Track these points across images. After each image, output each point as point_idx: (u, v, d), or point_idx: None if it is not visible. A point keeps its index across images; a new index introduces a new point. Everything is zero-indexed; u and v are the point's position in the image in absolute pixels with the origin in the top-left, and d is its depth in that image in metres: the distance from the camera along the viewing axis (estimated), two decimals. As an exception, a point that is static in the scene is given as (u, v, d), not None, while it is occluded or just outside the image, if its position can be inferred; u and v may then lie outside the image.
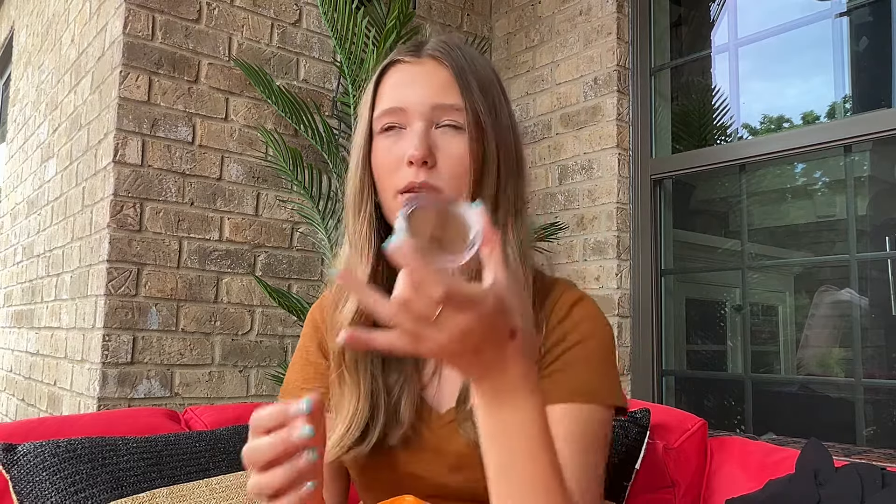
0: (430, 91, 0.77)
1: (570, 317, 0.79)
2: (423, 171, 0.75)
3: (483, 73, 0.80)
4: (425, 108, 0.77)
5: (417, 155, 0.74)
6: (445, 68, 0.78)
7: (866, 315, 1.98)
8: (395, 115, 0.78)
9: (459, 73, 0.77)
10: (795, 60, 2.20)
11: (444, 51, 0.79)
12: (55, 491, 0.91)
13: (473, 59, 0.80)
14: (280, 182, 2.12)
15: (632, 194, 2.21)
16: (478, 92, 0.77)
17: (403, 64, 0.80)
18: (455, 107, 0.76)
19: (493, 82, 0.81)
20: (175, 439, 1.07)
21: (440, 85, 0.77)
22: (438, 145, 0.76)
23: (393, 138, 0.78)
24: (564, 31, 2.40)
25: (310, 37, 2.24)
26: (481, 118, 0.76)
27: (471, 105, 0.76)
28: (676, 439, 1.28)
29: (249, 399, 2.04)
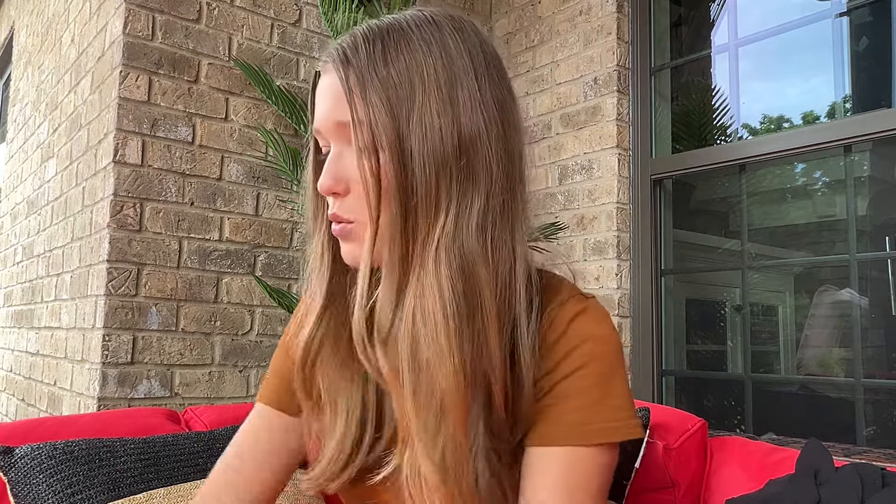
0: (330, 107, 0.67)
1: (566, 336, 0.68)
2: (336, 202, 0.67)
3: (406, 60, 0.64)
4: (331, 129, 0.67)
5: (322, 185, 0.66)
6: (336, 75, 0.66)
7: (866, 315, 1.98)
8: (320, 137, 0.70)
9: (353, 75, 0.64)
10: (795, 60, 2.20)
11: (339, 51, 0.66)
12: (52, 493, 0.91)
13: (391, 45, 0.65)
14: (280, 182, 2.12)
15: (632, 194, 2.21)
16: (377, 95, 0.63)
17: (322, 73, 0.70)
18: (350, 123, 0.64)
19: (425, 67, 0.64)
20: (173, 440, 1.07)
21: (336, 97, 0.66)
22: (349, 170, 0.66)
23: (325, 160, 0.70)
24: (564, 31, 2.40)
25: (310, 37, 2.24)
26: (375, 133, 0.62)
27: (359, 118, 0.63)
28: (676, 439, 1.28)
29: (249, 399, 2.04)
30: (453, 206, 0.64)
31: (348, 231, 0.67)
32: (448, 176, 0.64)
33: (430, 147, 0.63)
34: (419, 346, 0.63)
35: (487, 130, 0.66)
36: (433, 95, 0.64)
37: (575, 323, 0.69)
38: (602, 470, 0.67)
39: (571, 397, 0.67)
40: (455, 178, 0.64)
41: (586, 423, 0.66)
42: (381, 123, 0.63)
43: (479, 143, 0.65)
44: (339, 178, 0.66)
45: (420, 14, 0.69)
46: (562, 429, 0.66)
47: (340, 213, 0.67)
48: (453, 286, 0.63)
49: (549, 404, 0.67)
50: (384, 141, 0.63)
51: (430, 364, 0.62)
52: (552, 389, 0.67)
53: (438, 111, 0.64)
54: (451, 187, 0.64)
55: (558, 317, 0.69)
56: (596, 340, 0.68)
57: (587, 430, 0.66)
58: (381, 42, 0.65)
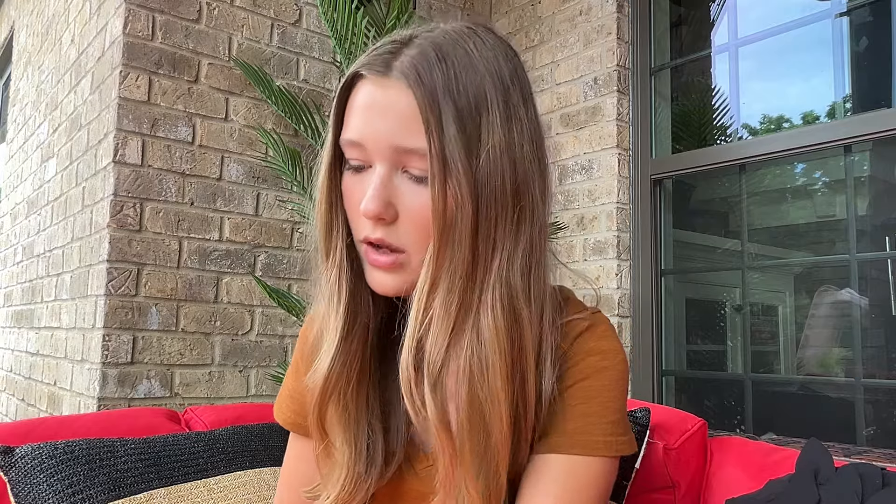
0: (390, 128, 0.62)
1: (570, 352, 0.69)
2: (380, 227, 0.63)
3: (475, 87, 0.62)
4: (385, 149, 0.62)
5: (370, 210, 0.61)
6: (412, 97, 0.61)
7: (866, 315, 1.98)
8: (356, 150, 0.64)
9: (427, 104, 0.60)
10: (795, 60, 2.20)
11: (414, 71, 0.61)
12: (52, 493, 0.91)
13: (461, 71, 0.62)
14: (280, 182, 2.12)
15: (632, 194, 2.21)
16: (453, 126, 0.60)
17: (368, 82, 0.64)
18: (419, 151, 0.61)
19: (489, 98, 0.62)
20: (173, 440, 1.07)
21: (403, 120, 0.61)
22: (400, 196, 0.62)
23: (360, 175, 0.65)
24: (564, 31, 2.40)
25: (310, 37, 2.24)
26: (450, 166, 0.59)
27: (437, 149, 0.59)
28: (676, 439, 1.28)
29: (249, 399, 2.04)
30: (508, 247, 0.64)
31: (397, 263, 0.64)
32: (506, 215, 0.63)
33: (494, 185, 0.62)
34: (475, 388, 0.62)
35: (533, 170, 0.65)
36: (497, 132, 0.62)
37: (579, 340, 0.69)
38: (598, 482, 0.67)
39: (573, 407, 0.67)
40: (510, 218, 0.64)
41: (586, 434, 0.67)
42: (459, 158, 0.60)
43: (532, 182, 0.65)
44: (389, 203, 0.62)
45: (479, 34, 0.66)
46: (563, 437, 0.67)
47: (391, 240, 0.63)
48: (507, 328, 0.63)
49: (553, 414, 0.67)
50: (460, 176, 0.60)
51: (484, 407, 0.62)
52: (555, 402, 0.67)
53: (500, 148, 0.62)
54: (507, 227, 0.63)
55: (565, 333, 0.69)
56: (599, 355, 0.69)
57: (587, 440, 0.67)
58: (454, 67, 0.62)
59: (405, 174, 0.63)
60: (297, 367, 0.83)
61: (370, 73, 0.64)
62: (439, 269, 0.61)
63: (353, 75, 0.66)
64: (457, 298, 0.62)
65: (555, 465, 0.66)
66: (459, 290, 0.62)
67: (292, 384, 0.83)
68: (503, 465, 0.63)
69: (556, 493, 0.66)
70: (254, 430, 1.19)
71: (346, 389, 0.69)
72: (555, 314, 0.70)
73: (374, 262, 0.65)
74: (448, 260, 0.61)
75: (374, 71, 0.64)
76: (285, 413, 0.83)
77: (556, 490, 0.66)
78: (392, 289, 0.65)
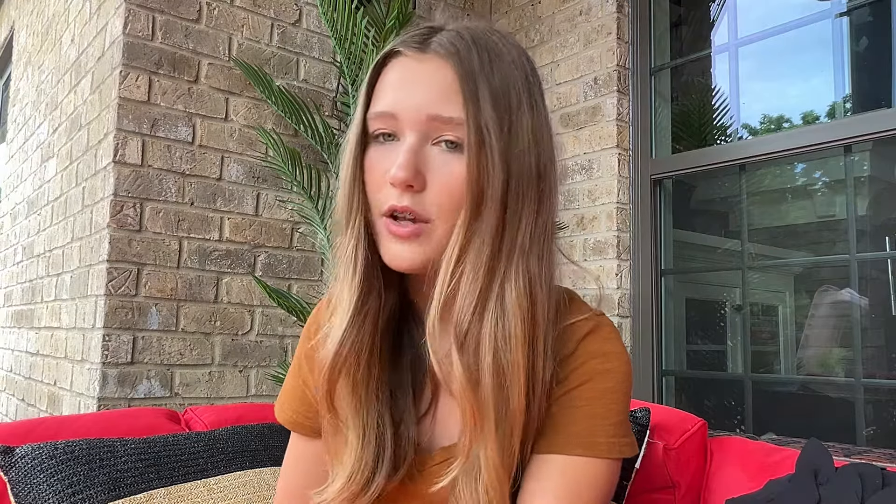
0: (427, 98, 0.64)
1: (575, 354, 0.69)
2: (407, 196, 0.64)
3: (503, 74, 0.66)
4: (420, 119, 0.64)
5: (401, 177, 0.63)
6: (449, 69, 0.64)
7: (866, 315, 1.98)
8: (386, 121, 0.66)
9: (466, 76, 0.64)
10: (795, 60, 2.20)
11: (452, 46, 0.65)
12: (52, 493, 0.91)
13: (493, 57, 0.66)
14: (280, 182, 2.12)
15: (632, 194, 2.21)
16: (488, 102, 0.63)
17: (405, 58, 0.67)
18: (455, 121, 0.63)
19: (516, 84, 0.67)
20: (173, 440, 1.07)
21: (441, 91, 0.64)
22: (430, 165, 0.64)
23: (386, 148, 0.67)
24: (564, 31, 2.40)
25: (310, 37, 2.24)
26: (485, 136, 0.63)
27: (474, 119, 0.63)
28: (676, 439, 1.28)
29: (249, 399, 2.04)
30: (530, 225, 0.66)
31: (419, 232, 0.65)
32: (530, 193, 0.67)
33: (522, 161, 0.65)
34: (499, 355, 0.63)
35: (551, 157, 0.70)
36: (525, 115, 0.66)
37: (585, 342, 0.70)
38: (599, 483, 0.68)
39: (577, 409, 0.68)
40: (534, 197, 0.67)
41: (589, 435, 0.68)
42: (493, 126, 0.63)
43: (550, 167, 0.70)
44: (418, 171, 0.64)
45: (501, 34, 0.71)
46: (565, 438, 0.67)
47: (417, 209, 0.64)
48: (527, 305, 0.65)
49: (555, 413, 0.68)
50: (494, 146, 0.63)
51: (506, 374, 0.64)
52: (559, 400, 0.68)
53: (527, 129, 0.66)
54: (530, 205, 0.66)
55: (569, 334, 0.70)
56: (603, 357, 0.70)
57: (590, 441, 0.67)
58: (487, 52, 0.66)
59: (436, 146, 0.65)
60: (300, 365, 0.82)
61: (407, 50, 0.67)
62: (471, 233, 0.63)
63: (387, 53, 0.69)
64: (484, 265, 0.64)
65: (557, 465, 0.67)
66: (487, 258, 0.64)
67: (293, 382, 0.83)
68: (517, 437, 0.65)
69: (557, 492, 0.66)
70: (254, 430, 1.19)
71: (357, 368, 0.69)
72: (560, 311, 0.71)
73: (395, 232, 0.65)
74: (479, 226, 0.63)
75: (411, 47, 0.67)
76: (286, 412, 0.82)
77: (558, 490, 0.66)
78: (408, 261, 0.66)
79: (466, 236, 0.63)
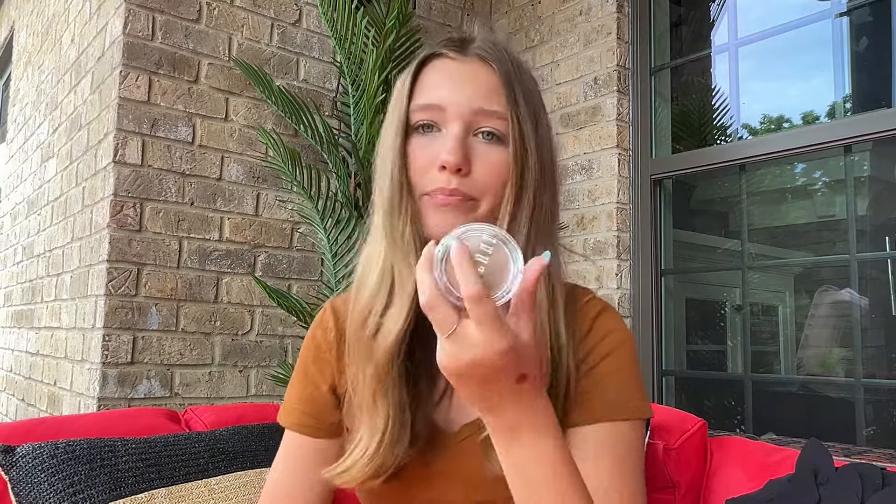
0: (473, 94, 0.73)
1: (593, 331, 0.77)
2: (455, 178, 0.71)
3: (527, 80, 0.77)
4: (466, 111, 0.72)
5: (452, 161, 0.70)
6: (492, 72, 0.74)
7: (866, 315, 1.98)
8: (432, 113, 0.73)
9: (506, 78, 0.73)
10: (795, 60, 2.20)
11: (492, 52, 0.75)
12: (53, 492, 0.91)
13: (519, 65, 0.77)
14: (280, 182, 2.12)
15: (632, 194, 2.21)
16: (522, 101, 0.73)
17: (447, 59, 0.75)
18: (498, 114, 0.72)
19: (536, 91, 0.78)
20: (174, 440, 1.07)
21: (485, 88, 0.73)
22: (474, 152, 0.72)
23: (427, 138, 0.74)
24: (564, 31, 2.40)
25: (310, 37, 2.24)
26: (524, 129, 0.72)
27: (516, 114, 0.72)
28: (676, 439, 1.28)
29: (249, 399, 2.04)
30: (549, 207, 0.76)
31: (466, 204, 0.72)
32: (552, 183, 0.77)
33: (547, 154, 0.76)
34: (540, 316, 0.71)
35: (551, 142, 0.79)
36: (545, 116, 0.78)
37: (599, 320, 0.79)
38: (639, 445, 0.75)
39: (607, 379, 0.75)
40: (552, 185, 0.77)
41: (624, 402, 0.75)
42: (529, 122, 0.74)
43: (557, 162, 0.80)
44: (466, 156, 0.71)
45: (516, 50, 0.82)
46: (605, 406, 0.74)
47: (465, 189, 0.71)
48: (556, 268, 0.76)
49: (588, 388, 0.74)
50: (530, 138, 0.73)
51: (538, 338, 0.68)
52: (588, 375, 0.75)
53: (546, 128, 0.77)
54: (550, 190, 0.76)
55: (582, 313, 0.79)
56: (618, 332, 0.79)
57: (626, 406, 0.75)
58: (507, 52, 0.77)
59: (476, 136, 0.73)
60: (307, 371, 0.83)
61: (449, 51, 0.76)
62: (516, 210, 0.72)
63: (428, 55, 0.77)
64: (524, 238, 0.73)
65: (602, 433, 0.72)
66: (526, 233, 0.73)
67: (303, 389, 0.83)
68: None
69: (607, 460, 0.71)
70: (254, 430, 1.19)
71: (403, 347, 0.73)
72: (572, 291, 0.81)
73: (444, 203, 0.71)
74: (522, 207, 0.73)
75: (452, 49, 0.76)
76: (295, 416, 0.83)
77: (607, 457, 0.71)
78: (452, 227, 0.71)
79: (512, 213, 0.72)
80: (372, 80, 1.94)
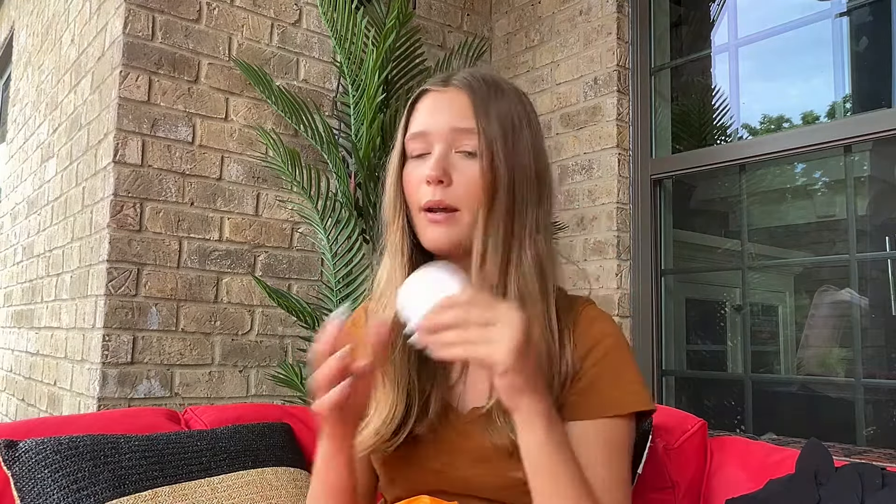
0: (449, 116, 0.85)
1: (590, 333, 0.87)
2: (439, 190, 0.83)
3: (505, 101, 0.87)
4: (444, 132, 0.85)
5: (433, 174, 0.82)
6: (465, 95, 0.86)
7: (866, 315, 1.98)
8: (420, 139, 0.86)
9: (478, 100, 0.85)
10: (795, 60, 2.20)
11: (466, 80, 0.87)
12: (57, 488, 0.91)
13: (498, 90, 0.88)
14: (280, 182, 2.12)
15: (632, 194, 2.21)
16: (494, 119, 0.84)
17: (432, 93, 0.89)
18: (471, 131, 0.83)
19: (516, 111, 0.87)
20: (176, 438, 1.07)
21: (459, 110, 0.85)
22: (455, 167, 0.84)
23: (419, 161, 0.87)
24: (564, 31, 2.40)
25: (310, 37, 2.24)
26: (494, 143, 0.83)
27: (484, 130, 0.83)
28: (676, 439, 1.28)
29: (249, 399, 2.04)
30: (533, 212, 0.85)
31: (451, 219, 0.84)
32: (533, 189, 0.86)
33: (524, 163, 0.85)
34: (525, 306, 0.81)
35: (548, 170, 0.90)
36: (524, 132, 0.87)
37: (597, 323, 0.89)
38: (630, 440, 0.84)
39: (603, 379, 0.84)
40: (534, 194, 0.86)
41: (619, 398, 0.83)
42: (499, 137, 0.84)
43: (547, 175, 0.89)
44: (446, 170, 0.83)
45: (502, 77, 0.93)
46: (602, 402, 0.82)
47: (448, 199, 0.83)
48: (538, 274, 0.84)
49: (585, 388, 0.83)
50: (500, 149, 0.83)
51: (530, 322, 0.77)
52: (586, 375, 0.84)
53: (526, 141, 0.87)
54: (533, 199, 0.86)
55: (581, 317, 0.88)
56: (614, 336, 0.88)
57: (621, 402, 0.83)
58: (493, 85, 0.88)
59: (458, 153, 0.85)
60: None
61: (434, 87, 0.89)
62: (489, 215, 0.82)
63: (420, 92, 0.91)
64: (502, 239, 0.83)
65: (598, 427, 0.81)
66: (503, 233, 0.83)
67: None
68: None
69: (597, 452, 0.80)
70: (255, 429, 1.19)
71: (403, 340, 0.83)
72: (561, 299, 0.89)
73: (433, 220, 0.84)
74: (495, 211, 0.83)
75: (436, 85, 0.90)
76: None
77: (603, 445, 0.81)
78: (445, 242, 0.84)
79: (486, 217, 0.82)
80: (372, 80, 1.94)
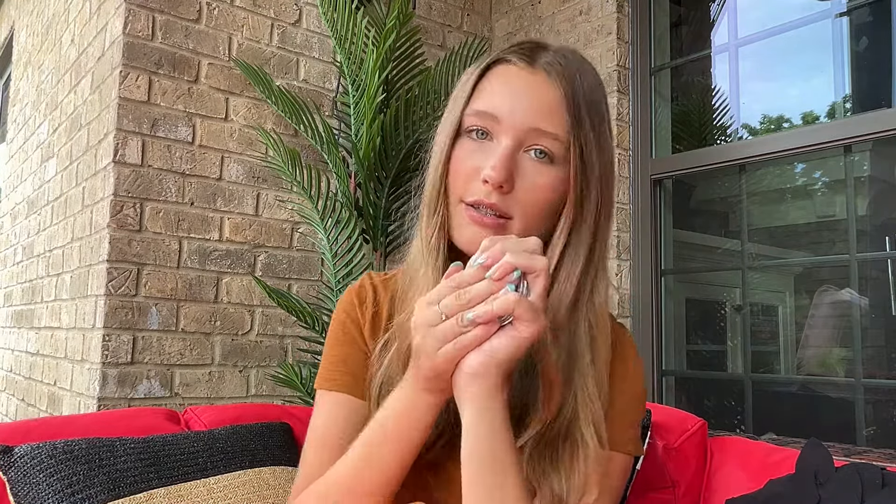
0: (532, 110, 0.70)
1: (628, 371, 0.81)
2: (496, 193, 0.69)
3: (595, 97, 0.73)
4: (521, 128, 0.70)
5: (495, 178, 0.68)
6: (557, 89, 0.70)
7: (866, 315, 1.98)
8: (486, 120, 0.71)
9: (571, 99, 0.70)
10: (795, 60, 2.20)
11: (560, 69, 0.71)
12: (52, 493, 0.91)
13: (588, 82, 0.73)
14: (280, 182, 2.12)
15: (632, 194, 2.21)
16: (588, 123, 0.70)
17: (513, 67, 0.73)
18: (555, 136, 0.69)
19: (603, 108, 0.74)
20: (173, 439, 1.07)
21: (546, 107, 0.70)
22: (520, 170, 0.70)
23: (477, 144, 0.72)
24: (564, 31, 2.40)
25: (310, 37, 2.24)
26: (585, 154, 0.70)
27: (577, 139, 0.69)
28: (676, 439, 1.28)
29: (249, 399, 2.04)
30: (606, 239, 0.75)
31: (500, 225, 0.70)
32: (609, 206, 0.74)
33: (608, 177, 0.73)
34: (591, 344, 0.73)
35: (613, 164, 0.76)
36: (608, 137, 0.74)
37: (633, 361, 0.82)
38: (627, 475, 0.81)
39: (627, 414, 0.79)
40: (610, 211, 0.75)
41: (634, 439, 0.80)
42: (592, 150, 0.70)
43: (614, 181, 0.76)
44: (511, 174, 0.69)
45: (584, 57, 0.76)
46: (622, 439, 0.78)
47: (503, 207, 0.70)
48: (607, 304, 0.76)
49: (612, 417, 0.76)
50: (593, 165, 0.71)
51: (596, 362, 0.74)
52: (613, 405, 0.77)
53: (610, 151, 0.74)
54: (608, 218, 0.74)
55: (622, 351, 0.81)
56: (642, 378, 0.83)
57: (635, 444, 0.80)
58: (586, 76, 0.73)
59: (527, 153, 0.70)
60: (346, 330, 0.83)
61: (517, 59, 0.73)
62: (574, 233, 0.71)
63: (495, 59, 0.74)
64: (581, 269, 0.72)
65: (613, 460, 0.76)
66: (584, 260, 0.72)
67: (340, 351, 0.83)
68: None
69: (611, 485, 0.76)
70: (253, 429, 1.19)
71: None
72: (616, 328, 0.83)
73: (477, 221, 0.71)
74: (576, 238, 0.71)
75: (520, 58, 0.72)
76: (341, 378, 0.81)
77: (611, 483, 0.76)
78: None
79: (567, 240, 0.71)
80: (372, 80, 1.94)
